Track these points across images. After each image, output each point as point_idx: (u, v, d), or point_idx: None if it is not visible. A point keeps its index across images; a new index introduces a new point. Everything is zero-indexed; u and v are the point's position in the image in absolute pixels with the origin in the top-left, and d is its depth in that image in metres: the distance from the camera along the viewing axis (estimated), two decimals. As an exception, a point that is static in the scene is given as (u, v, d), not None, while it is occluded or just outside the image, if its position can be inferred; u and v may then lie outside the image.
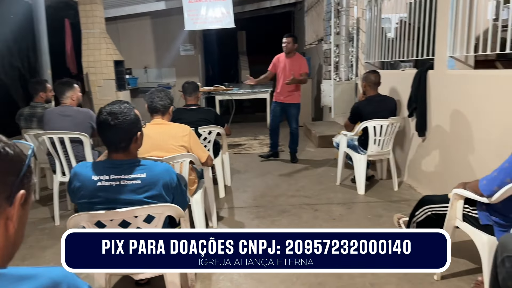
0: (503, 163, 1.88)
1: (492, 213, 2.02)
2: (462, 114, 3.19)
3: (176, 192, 1.82)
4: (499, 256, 1.75)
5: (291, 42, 4.92)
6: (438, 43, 3.50)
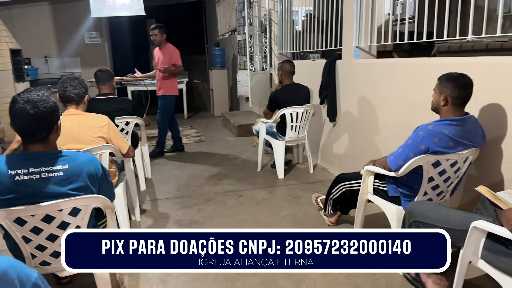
0: (407, 140, 2.13)
1: (399, 185, 2.27)
2: (367, 99, 3.50)
3: (102, 183, 1.74)
4: (406, 222, 1.99)
5: (158, 34, 4.75)
6: (345, 34, 3.78)
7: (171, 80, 4.87)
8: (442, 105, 2.09)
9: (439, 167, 2.08)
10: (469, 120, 2.09)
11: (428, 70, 2.60)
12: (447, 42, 2.86)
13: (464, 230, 1.66)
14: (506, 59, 2.22)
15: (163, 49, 4.83)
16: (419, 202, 2.03)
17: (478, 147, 2.12)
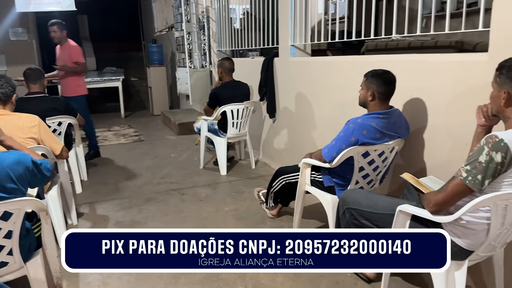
0: (339, 133, 2.26)
1: (333, 175, 2.41)
2: (304, 96, 3.65)
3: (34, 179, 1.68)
4: (340, 209, 2.12)
5: (57, 31, 4.35)
6: (281, 33, 3.90)
7: (74, 79, 4.45)
8: (370, 100, 2.25)
9: (369, 157, 2.24)
10: (394, 113, 2.27)
11: (358, 67, 2.76)
12: (374, 40, 3.06)
13: (391, 214, 1.81)
14: (425, 57, 2.43)
15: (62, 46, 4.44)
16: (351, 190, 2.17)
17: (403, 137, 2.31)
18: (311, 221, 2.93)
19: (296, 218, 2.68)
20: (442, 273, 1.56)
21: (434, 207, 1.61)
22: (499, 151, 1.43)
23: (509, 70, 1.53)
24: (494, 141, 1.45)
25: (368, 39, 2.86)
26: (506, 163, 1.43)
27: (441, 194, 1.60)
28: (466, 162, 1.52)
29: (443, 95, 2.21)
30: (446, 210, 1.61)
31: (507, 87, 1.54)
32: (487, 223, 1.54)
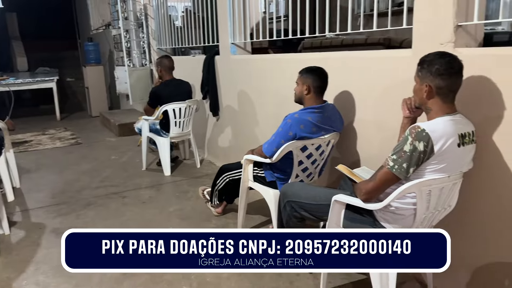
0: (278, 128, 2.32)
1: (275, 170, 2.46)
2: (246, 93, 3.68)
3: None
4: (281, 203, 2.17)
5: None
6: (221, 31, 3.91)
7: None
8: (306, 94, 2.33)
9: (307, 151, 2.32)
10: (328, 108, 2.37)
11: (295, 65, 2.83)
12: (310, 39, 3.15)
13: (328, 204, 1.88)
14: (356, 53, 2.55)
15: None
16: (291, 184, 2.23)
17: (338, 131, 2.41)
18: (255, 216, 2.97)
19: (240, 215, 2.70)
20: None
21: (365, 195, 1.71)
22: (421, 141, 1.54)
23: (429, 65, 1.65)
24: (416, 131, 1.55)
25: (304, 37, 2.95)
26: (428, 151, 1.54)
27: (371, 183, 1.69)
28: (392, 152, 1.62)
29: (373, 90, 2.34)
30: (376, 197, 1.71)
31: (428, 80, 1.65)
32: (413, 208, 1.66)
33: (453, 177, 1.62)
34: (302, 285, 2.12)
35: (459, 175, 1.66)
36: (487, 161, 1.76)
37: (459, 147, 1.58)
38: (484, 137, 1.76)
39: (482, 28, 1.96)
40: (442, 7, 1.84)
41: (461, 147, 1.59)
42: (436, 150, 1.54)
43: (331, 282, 2.11)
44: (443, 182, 1.61)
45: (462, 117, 1.67)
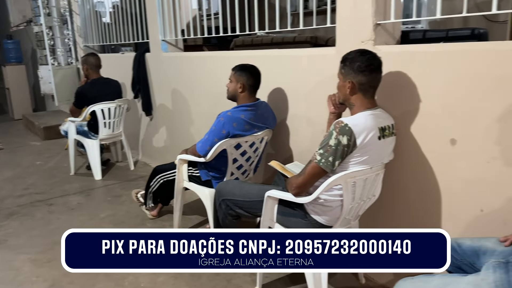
0: (211, 127, 2.30)
1: (210, 169, 2.44)
2: (180, 91, 3.61)
3: None
4: (217, 201, 2.16)
5: None
6: (151, 27, 3.79)
7: None
8: (240, 92, 2.33)
9: (241, 149, 2.32)
10: (261, 105, 2.39)
11: (228, 62, 2.82)
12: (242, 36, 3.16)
13: (261, 200, 1.90)
14: (286, 51, 2.59)
15: None
16: (225, 182, 2.23)
17: (271, 128, 2.45)
18: (193, 217, 2.93)
19: (176, 216, 2.65)
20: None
21: (296, 189, 1.75)
22: (345, 135, 1.60)
23: (351, 62, 1.72)
24: (340, 126, 1.62)
25: (235, 35, 2.95)
26: (351, 144, 1.61)
27: (300, 177, 1.73)
28: (319, 146, 1.68)
29: (303, 86, 2.40)
30: (306, 191, 1.76)
31: (350, 77, 1.72)
32: (340, 200, 1.72)
33: (375, 168, 1.72)
34: (240, 282, 2.13)
35: (381, 166, 1.76)
36: (407, 151, 1.88)
37: (379, 140, 1.67)
38: (403, 129, 1.88)
39: (400, 27, 2.08)
40: (362, 7, 1.93)
41: (382, 139, 1.68)
42: (358, 143, 1.61)
43: (267, 277, 2.14)
44: (366, 174, 1.69)
45: (382, 111, 1.77)
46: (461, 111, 1.68)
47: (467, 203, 1.72)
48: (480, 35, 1.89)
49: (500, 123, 1.57)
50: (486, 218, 1.67)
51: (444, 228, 1.81)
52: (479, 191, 1.67)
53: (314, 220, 1.79)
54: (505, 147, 1.57)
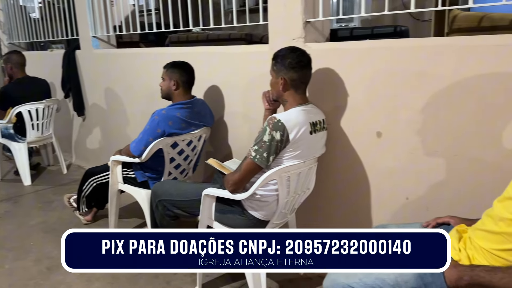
0: (146, 126, 2.23)
1: (146, 170, 2.37)
2: (113, 90, 3.47)
3: None
4: (153, 203, 2.10)
5: None
6: (80, 23, 3.60)
7: None
8: (174, 89, 2.29)
9: (178, 148, 2.28)
10: (197, 103, 2.36)
11: (164, 59, 2.75)
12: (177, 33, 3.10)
13: (199, 199, 1.88)
14: (221, 48, 2.57)
15: None
16: (162, 182, 2.18)
17: (209, 125, 2.42)
18: (130, 220, 2.84)
19: (111, 220, 2.54)
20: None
21: (232, 186, 1.75)
22: (278, 130, 1.63)
23: (282, 59, 1.75)
24: (273, 122, 1.64)
25: (169, 31, 2.88)
26: (284, 140, 1.64)
27: (237, 174, 1.74)
28: (254, 142, 1.69)
29: (238, 84, 2.40)
30: (243, 187, 1.76)
31: (282, 73, 1.75)
32: (276, 194, 1.75)
33: (308, 162, 1.76)
34: (180, 284, 2.09)
35: (313, 160, 1.81)
36: (338, 145, 1.95)
37: (311, 135, 1.71)
38: (334, 124, 1.95)
39: (329, 25, 2.15)
40: (292, 5, 1.97)
41: (313, 134, 1.73)
42: (291, 138, 1.64)
43: (208, 276, 2.12)
44: (300, 168, 1.73)
45: (313, 106, 1.82)
46: (385, 105, 1.78)
47: (394, 192, 1.82)
48: (401, 33, 2.01)
49: (421, 116, 1.68)
50: (411, 205, 1.78)
51: (373, 216, 1.93)
52: (404, 180, 1.78)
53: (252, 215, 1.80)
54: (425, 138, 1.68)
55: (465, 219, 1.40)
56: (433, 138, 1.66)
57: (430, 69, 1.61)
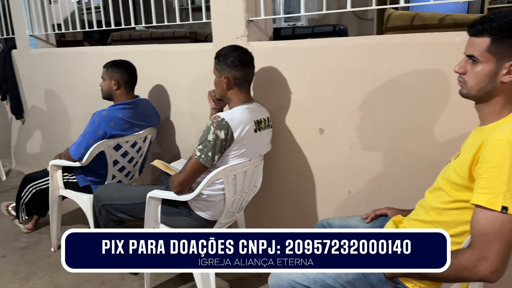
0: (86, 127, 2.14)
1: (88, 174, 2.27)
2: (54, 91, 3.30)
3: None
4: (96, 208, 2.03)
5: None
6: (16, 21, 3.40)
7: None
8: (115, 89, 2.21)
9: (121, 150, 2.21)
10: (141, 103, 2.30)
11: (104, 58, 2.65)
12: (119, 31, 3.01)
13: (144, 202, 1.83)
14: (166, 46, 2.51)
15: None
16: (104, 186, 2.10)
17: (154, 126, 2.37)
18: (75, 226, 2.71)
19: (54, 228, 2.42)
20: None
21: (178, 187, 1.72)
22: (222, 129, 1.62)
23: (224, 58, 1.75)
24: (217, 121, 1.63)
25: (112, 29, 2.78)
26: (229, 138, 1.64)
27: (182, 175, 1.71)
28: (199, 142, 1.67)
29: (184, 82, 2.37)
30: (188, 188, 1.74)
31: (225, 72, 1.75)
32: (223, 194, 1.74)
33: (254, 160, 1.77)
34: (127, 289, 2.04)
35: (259, 158, 1.82)
36: (284, 142, 1.98)
37: (255, 133, 1.72)
38: (279, 121, 1.97)
39: (271, 23, 2.17)
40: (234, 3, 1.97)
41: (258, 132, 1.73)
42: (235, 137, 1.64)
43: (156, 279, 2.08)
44: (246, 166, 1.74)
45: (258, 105, 1.83)
46: (327, 102, 1.82)
47: (337, 186, 1.87)
48: (340, 31, 2.06)
49: (359, 112, 1.74)
50: (353, 198, 1.83)
51: (319, 211, 1.97)
52: (346, 174, 1.83)
53: (199, 216, 1.78)
54: (363, 133, 1.74)
55: (402, 210, 1.46)
56: (371, 133, 1.72)
57: (366, 66, 1.67)
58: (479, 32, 1.07)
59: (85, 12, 4.46)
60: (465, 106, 1.21)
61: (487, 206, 0.99)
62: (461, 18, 1.69)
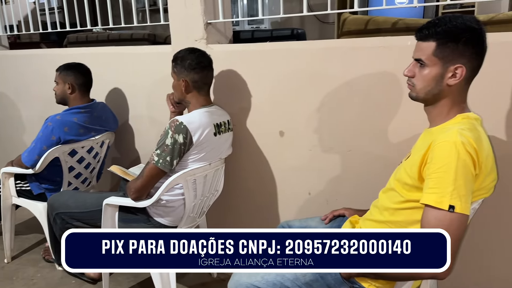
0: (38, 133, 2.05)
1: (42, 181, 2.18)
2: (6, 95, 3.14)
3: None
4: (50, 216, 1.95)
5: None
6: (-37, 21, 3.21)
7: None
8: (69, 93, 2.14)
9: (77, 155, 2.13)
10: (97, 106, 2.23)
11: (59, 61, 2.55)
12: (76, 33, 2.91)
13: (100, 209, 1.77)
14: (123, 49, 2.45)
15: None
16: (58, 193, 2.02)
17: (112, 130, 2.30)
18: (30, 236, 2.59)
19: (6, 238, 2.29)
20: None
21: (135, 193, 1.68)
22: (181, 133, 1.59)
23: (182, 60, 1.72)
24: (175, 124, 1.61)
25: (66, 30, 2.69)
26: (188, 142, 1.62)
27: (139, 181, 1.67)
28: (156, 146, 1.64)
29: (142, 86, 2.32)
30: (146, 194, 1.70)
31: (183, 75, 1.72)
32: (182, 198, 1.72)
33: (214, 164, 1.75)
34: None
35: (219, 162, 1.80)
36: (245, 145, 1.98)
37: (215, 136, 1.71)
38: (240, 125, 1.97)
39: (231, 26, 2.17)
40: (192, 5, 1.95)
41: (217, 135, 1.72)
42: (195, 141, 1.62)
43: (120, 285, 2.02)
44: (206, 170, 1.72)
45: (218, 108, 1.82)
46: (286, 105, 1.84)
47: (297, 188, 1.89)
48: (298, 35, 2.09)
49: (317, 114, 1.76)
50: (313, 200, 1.86)
51: (280, 213, 1.98)
52: (306, 176, 1.85)
53: (158, 222, 1.74)
54: (321, 136, 1.77)
55: (359, 210, 1.49)
56: (328, 135, 1.75)
57: (322, 69, 1.70)
58: (425, 36, 1.11)
59: (38, 13, 4.29)
60: (416, 108, 1.25)
61: (435, 206, 1.03)
62: (413, 22, 1.75)
